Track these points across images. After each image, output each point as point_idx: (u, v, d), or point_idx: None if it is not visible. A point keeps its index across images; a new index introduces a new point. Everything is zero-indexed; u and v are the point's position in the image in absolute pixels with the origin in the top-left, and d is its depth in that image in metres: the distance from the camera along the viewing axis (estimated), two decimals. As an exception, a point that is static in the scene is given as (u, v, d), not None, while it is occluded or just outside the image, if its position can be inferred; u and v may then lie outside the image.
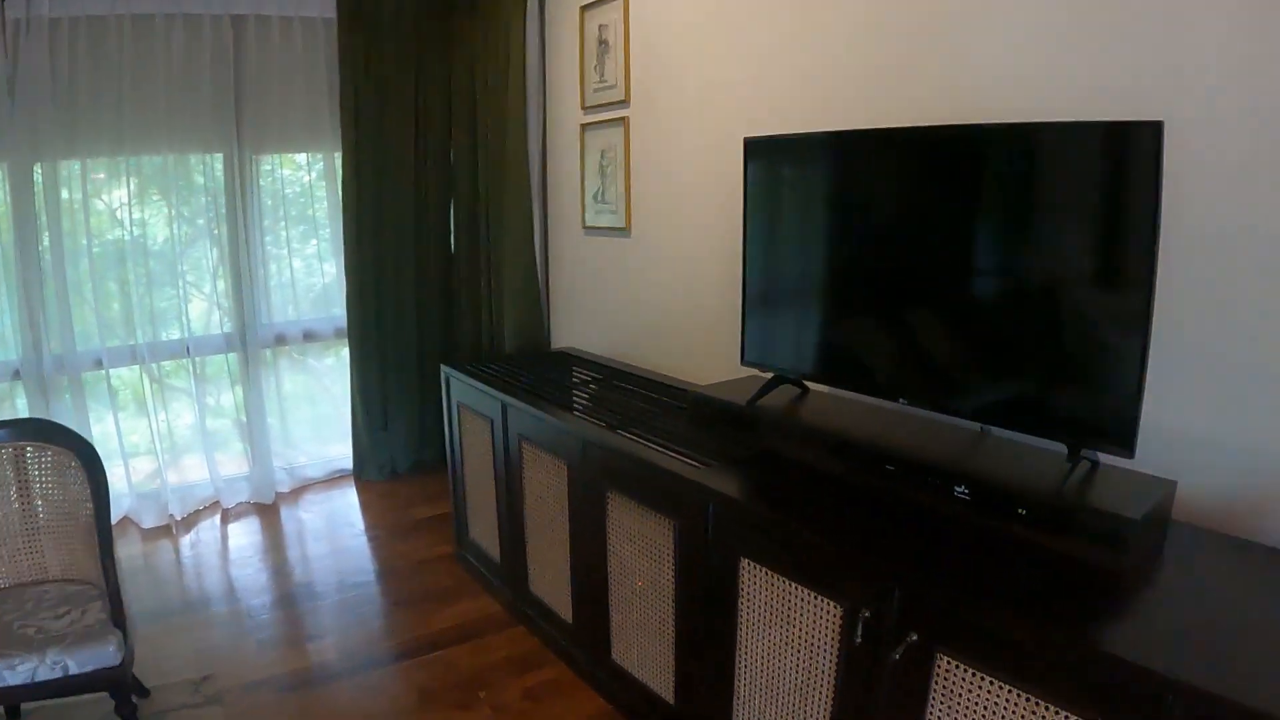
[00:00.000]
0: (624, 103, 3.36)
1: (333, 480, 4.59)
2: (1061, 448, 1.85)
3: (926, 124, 2.03)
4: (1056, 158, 1.85)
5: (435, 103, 4.25)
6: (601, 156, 3.52)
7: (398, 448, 4.56)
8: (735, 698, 2.17)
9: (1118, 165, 1.74)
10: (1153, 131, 1.62)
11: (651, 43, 3.19)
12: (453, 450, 3.44)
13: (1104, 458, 1.83)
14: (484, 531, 3.28)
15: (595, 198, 3.60)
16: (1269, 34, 1.72)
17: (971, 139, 1.94)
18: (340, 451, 4.62)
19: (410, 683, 2.77)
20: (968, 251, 2.00)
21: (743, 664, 2.13)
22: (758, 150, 2.35)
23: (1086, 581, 1.66)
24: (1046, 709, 1.54)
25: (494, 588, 3.27)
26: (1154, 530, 1.74)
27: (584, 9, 3.54)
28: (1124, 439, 1.70)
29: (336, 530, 3.97)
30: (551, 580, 2.85)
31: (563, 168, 3.89)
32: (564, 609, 2.79)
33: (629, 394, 2.97)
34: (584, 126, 3.65)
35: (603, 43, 3.45)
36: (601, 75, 3.47)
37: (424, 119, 4.25)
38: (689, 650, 2.28)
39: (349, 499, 4.38)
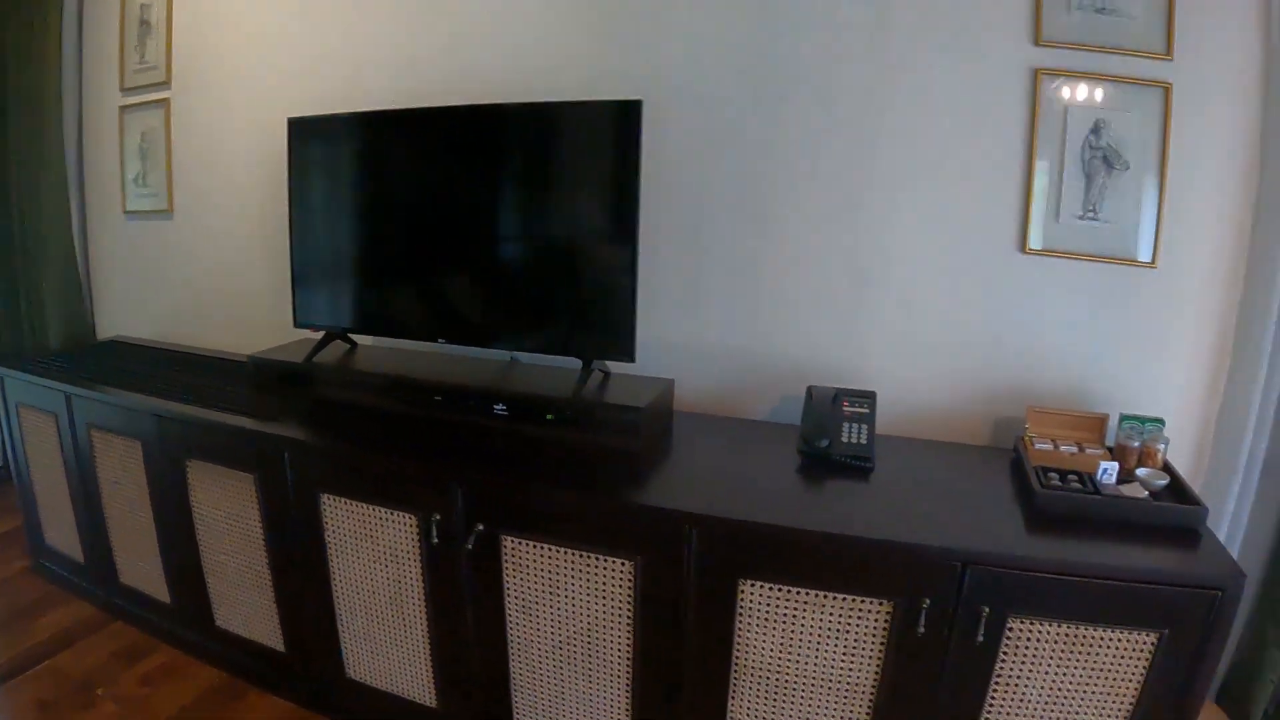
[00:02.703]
0: (165, 84, 3.03)
1: None
2: (580, 365, 2.04)
3: (454, 103, 2.11)
4: (556, 132, 2.05)
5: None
6: (142, 139, 3.15)
7: (-61, 467, 3.75)
8: (339, 626, 2.09)
9: (607, 137, 1.96)
10: (633, 109, 1.87)
11: (196, 25, 2.91)
12: (15, 455, 2.91)
13: (616, 369, 2.07)
14: (62, 535, 2.83)
15: (136, 181, 3.22)
16: (728, 47, 2.09)
17: (483, 116, 2.06)
18: None
19: (25, 699, 2.34)
20: (487, 212, 2.13)
21: (340, 593, 2.05)
22: (301, 130, 2.28)
23: (612, 461, 1.86)
24: (597, 559, 1.66)
25: (83, 590, 2.84)
26: (661, 417, 2.02)
27: (126, -11, 3.13)
28: (625, 350, 1.96)
29: (-114, 569, 3.22)
30: (143, 566, 2.53)
31: (101, 152, 3.41)
32: (160, 591, 2.50)
33: (190, 370, 2.71)
34: (123, 109, 3.23)
35: (144, 23, 3.07)
36: (143, 56, 3.09)
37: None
38: (289, 596, 2.15)
39: (-108, 531, 3.55)
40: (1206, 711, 2.10)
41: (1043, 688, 1.58)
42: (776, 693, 1.69)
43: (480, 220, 2.11)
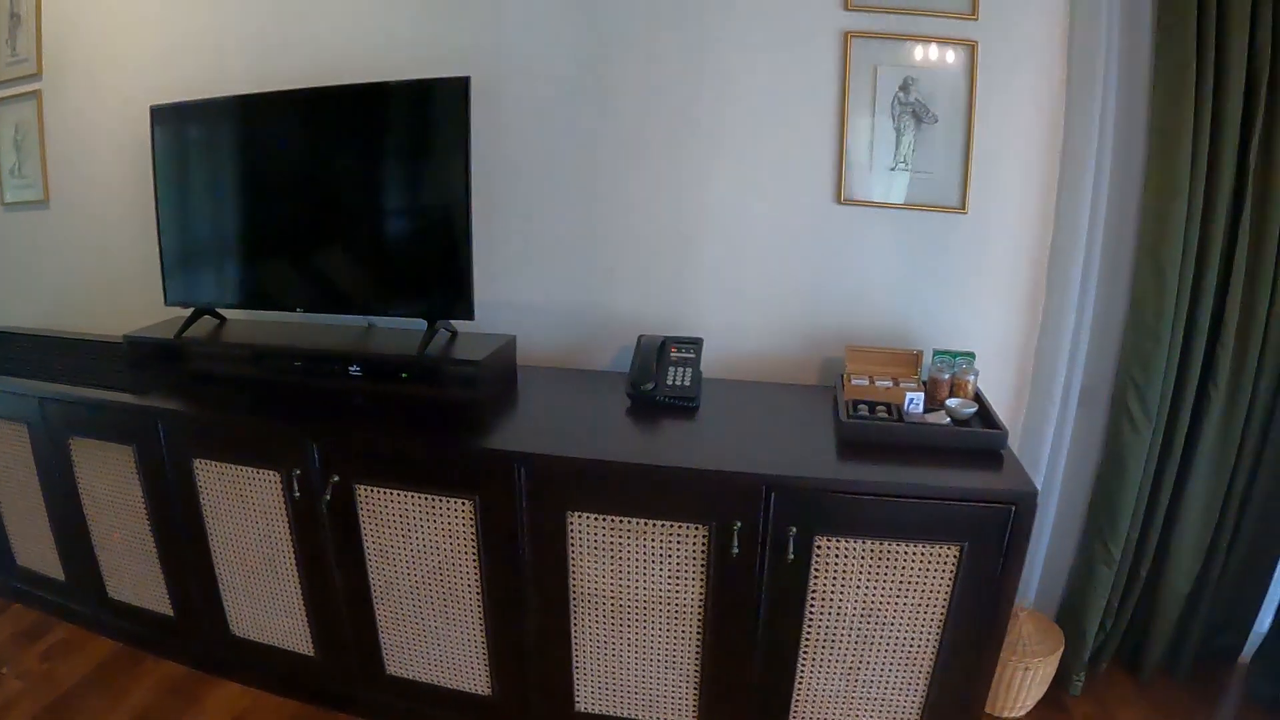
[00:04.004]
0: (37, 76, 3.19)
1: None
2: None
3: (306, 85, 2.29)
4: (393, 109, 2.27)
5: None
6: (16, 131, 3.31)
7: None
8: (221, 587, 2.30)
9: (440, 112, 2.19)
10: (462, 85, 2.09)
11: (66, 15, 3.06)
12: (-93, 449, 3.07)
13: (463, 328, 2.31)
14: (-43, 523, 3.00)
15: (12, 173, 3.38)
16: (560, 21, 2.31)
17: (325, 98, 2.28)
18: None
19: (-69, 684, 2.52)
20: (334, 188, 2.36)
21: (219, 553, 2.25)
22: (162, 117, 2.46)
23: (455, 412, 2.10)
24: (442, 500, 1.90)
25: (-17, 576, 3.03)
26: (502, 370, 2.26)
27: (-8, -18, 3.28)
28: (465, 309, 2.20)
29: None
30: (36, 547, 2.71)
31: (-22, 146, 3.56)
32: (54, 569, 2.69)
33: (71, 353, 2.87)
34: (-3, 102, 3.39)
35: (14, 16, 3.22)
36: (14, 49, 3.25)
37: None
38: (173, 561, 2.35)
39: None
40: (1049, 632, 2.38)
41: (857, 601, 1.83)
42: (614, 617, 1.92)
43: (329, 196, 2.33)
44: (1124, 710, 2.40)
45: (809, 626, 1.86)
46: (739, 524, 1.77)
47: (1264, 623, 2.51)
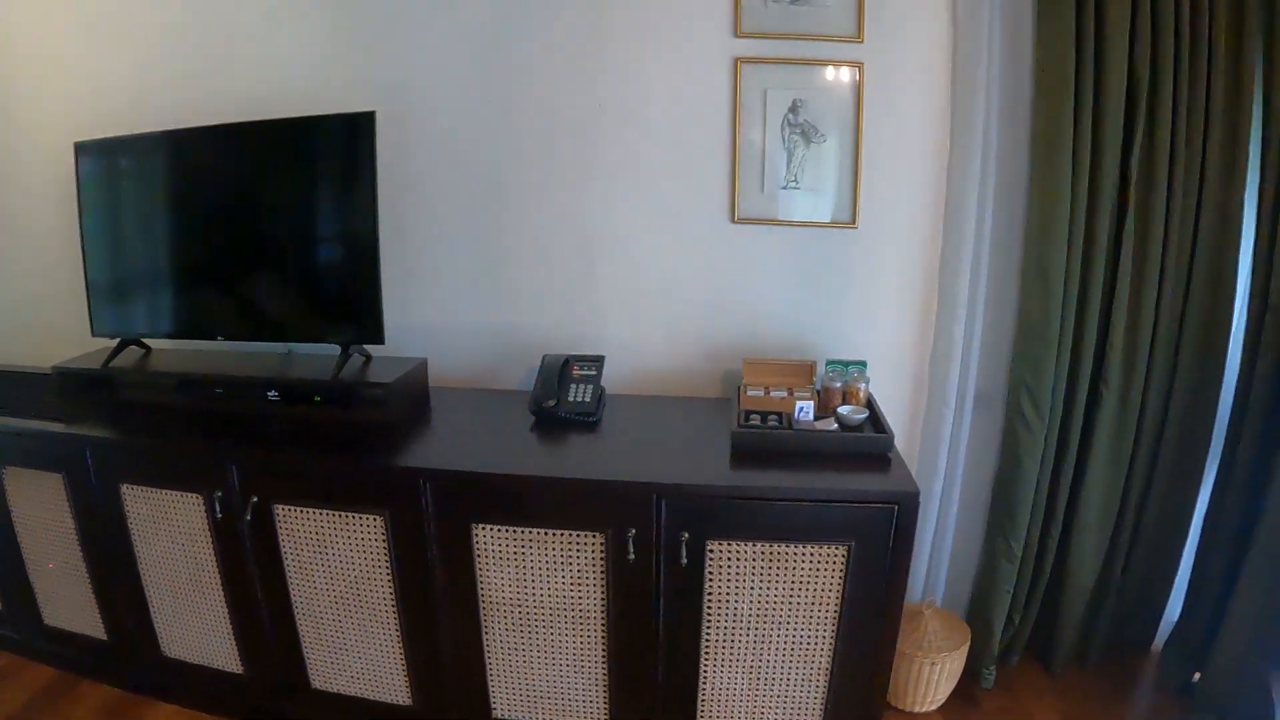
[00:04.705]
0: (-40, 111, 3.30)
1: None
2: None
3: (224, 120, 2.44)
4: (303, 144, 2.43)
5: None
6: (-62, 167, 3.42)
7: None
8: (151, 609, 2.42)
9: (348, 146, 2.35)
10: (367, 119, 2.26)
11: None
12: None
13: (378, 353, 2.47)
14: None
15: (-61, 209, 3.49)
16: (464, 54, 2.46)
17: (239, 133, 2.43)
18: None
19: None
20: (250, 221, 2.52)
21: (148, 577, 2.38)
22: (86, 153, 2.61)
23: (368, 433, 2.25)
24: (355, 517, 2.06)
25: (-77, 609, 3.14)
26: (412, 391, 2.43)
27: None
28: (375, 335, 2.36)
29: None
30: (-26, 576, 2.85)
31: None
32: (-9, 598, 2.82)
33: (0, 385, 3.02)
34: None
35: (-64, 53, 3.33)
36: (-66, 86, 3.36)
37: None
38: (105, 586, 2.47)
39: None
40: (955, 628, 2.54)
41: (751, 601, 1.98)
42: (522, 624, 2.07)
43: (245, 228, 2.49)
44: (1036, 701, 2.56)
45: (708, 627, 2.00)
46: (633, 531, 1.92)
47: (1175, 611, 2.66)
